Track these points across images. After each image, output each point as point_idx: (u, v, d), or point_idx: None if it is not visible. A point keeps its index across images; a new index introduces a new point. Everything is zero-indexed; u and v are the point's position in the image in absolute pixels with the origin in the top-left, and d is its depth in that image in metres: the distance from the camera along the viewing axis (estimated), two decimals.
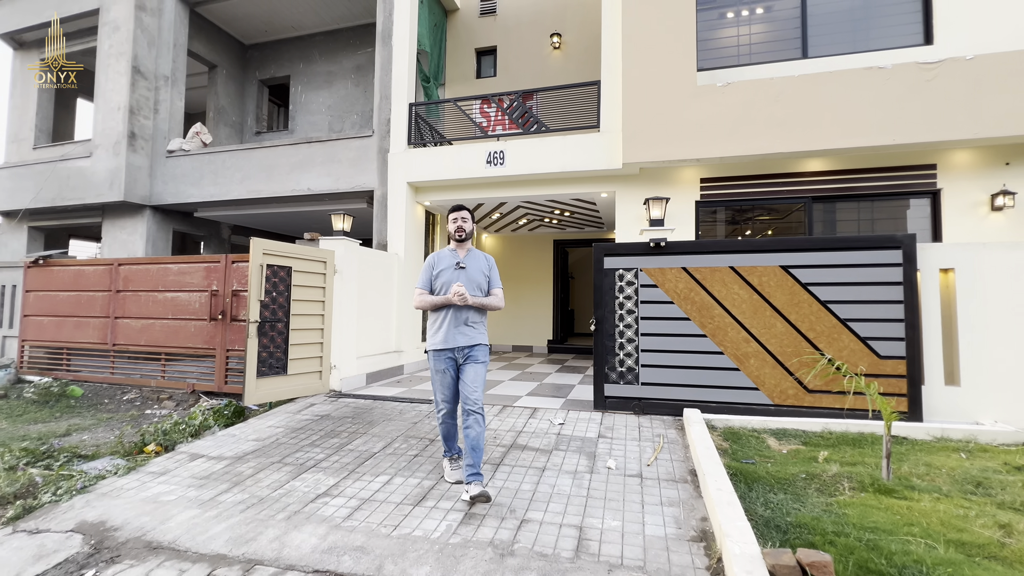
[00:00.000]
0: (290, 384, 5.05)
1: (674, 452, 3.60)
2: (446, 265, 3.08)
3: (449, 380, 3.02)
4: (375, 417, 4.59)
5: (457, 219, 3.12)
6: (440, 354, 3.01)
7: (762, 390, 4.27)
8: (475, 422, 2.89)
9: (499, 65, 9.25)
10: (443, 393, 3.04)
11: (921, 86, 5.26)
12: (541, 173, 6.72)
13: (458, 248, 3.15)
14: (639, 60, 6.11)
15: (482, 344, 3.05)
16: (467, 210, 3.17)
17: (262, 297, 4.76)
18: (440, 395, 3.06)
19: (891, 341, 4.02)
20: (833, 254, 4.18)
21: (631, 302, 4.61)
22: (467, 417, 2.92)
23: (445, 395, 3.04)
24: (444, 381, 3.02)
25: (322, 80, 10.27)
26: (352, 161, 7.58)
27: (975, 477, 2.99)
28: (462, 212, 3.14)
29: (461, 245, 3.15)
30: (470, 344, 2.99)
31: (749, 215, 6.57)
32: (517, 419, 4.45)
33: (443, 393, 3.04)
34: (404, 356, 7.09)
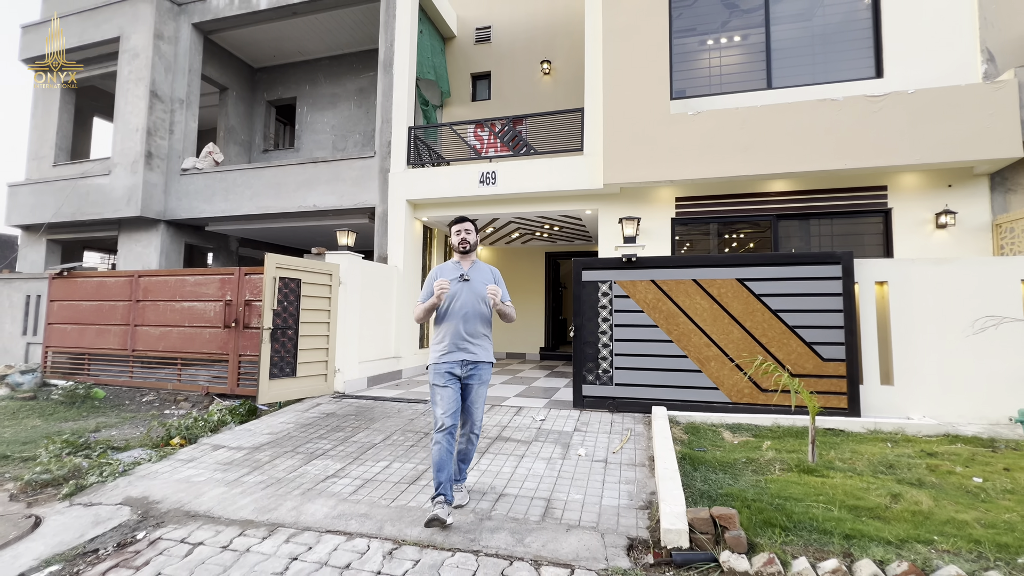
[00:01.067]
0: (299, 385, 5.55)
1: (639, 443, 4.11)
2: (449, 277, 2.95)
3: (452, 394, 2.82)
4: (376, 415, 5.08)
5: (461, 231, 3.00)
6: (442, 367, 2.85)
7: (721, 389, 4.78)
8: (469, 441, 2.95)
9: (493, 89, 9.87)
10: (445, 407, 2.79)
11: (869, 116, 5.84)
12: (530, 192, 7.28)
13: (462, 260, 3.03)
14: (618, 90, 6.71)
15: (487, 362, 2.95)
16: (471, 221, 3.05)
17: (275, 306, 5.28)
18: (441, 409, 2.79)
19: (833, 345, 4.55)
20: (782, 268, 4.72)
21: (606, 311, 5.14)
22: (462, 435, 2.94)
23: (447, 410, 2.78)
24: (446, 395, 2.81)
25: (327, 101, 10.89)
26: (355, 180, 8.15)
27: (890, 461, 3.50)
28: (465, 224, 3.01)
29: (465, 257, 3.03)
30: (475, 360, 2.88)
31: (721, 231, 7.12)
32: (503, 416, 4.95)
33: (445, 407, 2.79)
34: (403, 361, 7.60)
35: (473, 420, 2.96)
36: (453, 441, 2.79)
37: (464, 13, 10.19)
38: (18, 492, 3.41)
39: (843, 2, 6.67)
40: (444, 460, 2.73)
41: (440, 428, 2.77)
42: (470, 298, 2.93)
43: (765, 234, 6.84)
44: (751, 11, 6.96)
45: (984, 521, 2.53)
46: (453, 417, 2.79)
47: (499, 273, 3.15)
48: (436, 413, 2.82)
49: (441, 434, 2.75)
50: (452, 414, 2.79)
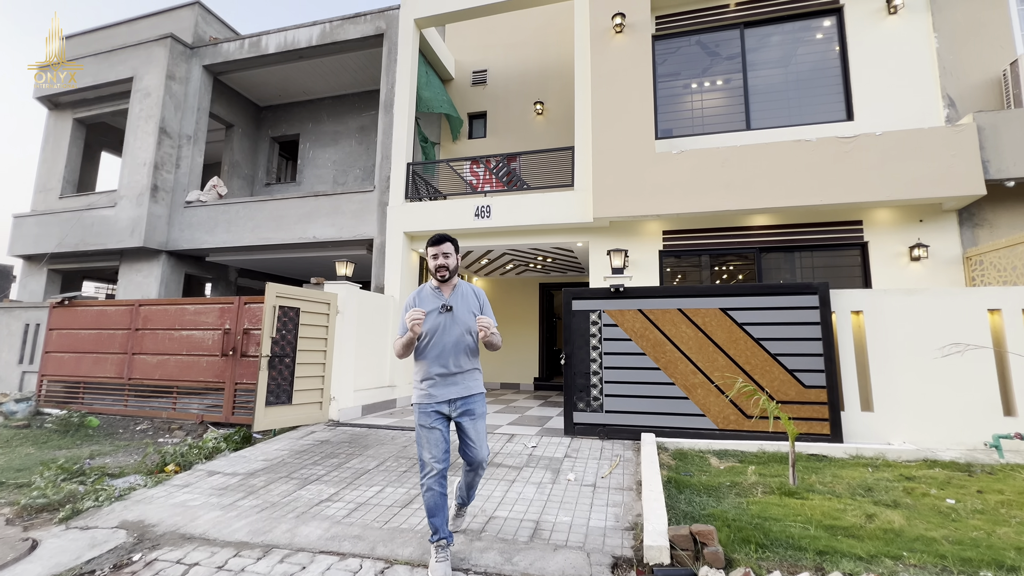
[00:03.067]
0: (294, 413, 5.62)
1: (627, 468, 4.20)
2: (429, 308, 2.61)
3: (439, 437, 2.53)
4: (369, 442, 5.15)
5: (438, 255, 2.62)
6: (428, 407, 2.56)
7: (708, 416, 4.90)
8: (475, 474, 2.73)
9: (489, 128, 10.34)
10: (432, 452, 2.51)
11: (842, 156, 6.21)
12: (523, 225, 7.57)
13: (442, 287, 2.68)
14: (606, 130, 7.10)
15: (480, 393, 2.66)
16: (451, 241, 2.66)
17: (273, 334, 5.42)
18: (428, 454, 2.51)
19: (814, 373, 4.71)
20: (762, 299, 4.93)
21: (596, 339, 5.30)
22: (471, 472, 2.72)
23: (435, 454, 2.51)
24: (433, 439, 2.52)
25: (328, 138, 11.33)
26: (354, 213, 8.43)
27: (869, 484, 3.61)
28: (443, 245, 2.62)
29: (445, 284, 2.68)
30: (464, 395, 2.59)
31: (707, 263, 7.39)
32: (496, 444, 5.03)
33: (432, 452, 2.51)
34: (397, 390, 7.66)
35: (477, 460, 2.65)
36: (445, 483, 2.55)
37: (461, 58, 10.78)
38: (14, 516, 3.45)
39: (814, 50, 7.19)
40: (438, 505, 2.51)
41: (429, 474, 2.50)
42: (455, 330, 2.60)
43: (750, 266, 7.11)
44: (730, 58, 7.47)
45: (952, 538, 2.65)
46: (443, 461, 2.52)
47: (484, 295, 2.78)
48: (423, 457, 2.52)
49: (432, 479, 2.50)
50: (441, 458, 2.52)
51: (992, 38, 6.43)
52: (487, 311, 2.74)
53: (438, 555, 2.47)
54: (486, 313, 2.71)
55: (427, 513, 2.52)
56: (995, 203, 6.12)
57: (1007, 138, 5.80)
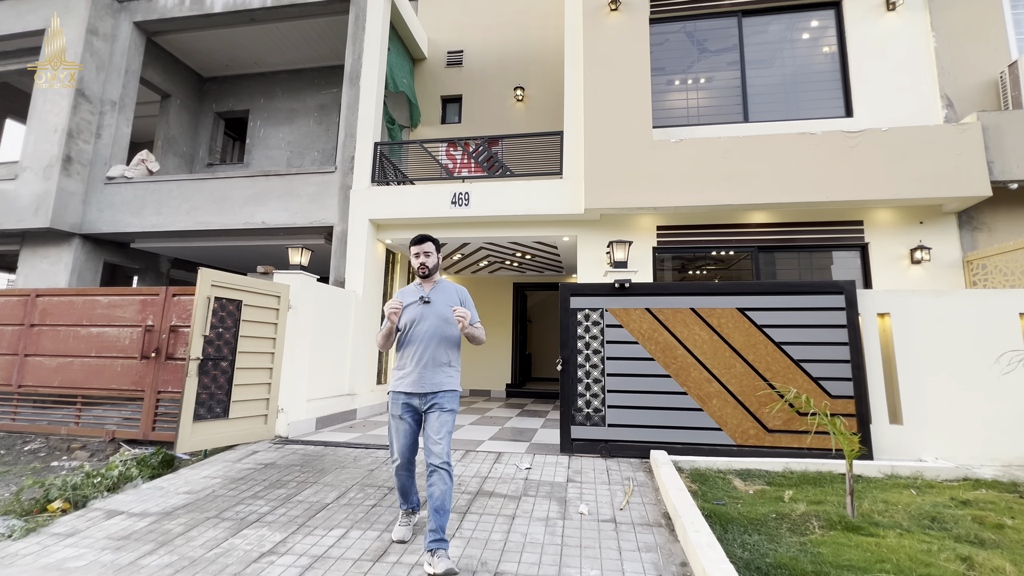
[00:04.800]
0: (231, 429, 4.59)
1: (645, 495, 3.52)
2: (410, 300, 2.76)
3: (407, 428, 2.67)
4: (326, 465, 4.22)
5: (419, 253, 2.77)
6: (398, 397, 2.68)
7: (725, 430, 4.32)
8: (440, 479, 2.49)
9: (464, 113, 9.55)
10: (399, 443, 2.67)
11: (847, 151, 5.89)
12: (506, 215, 6.83)
13: (424, 283, 2.84)
14: (600, 115, 6.50)
15: (450, 390, 2.69)
16: (431, 241, 2.80)
17: (206, 332, 4.39)
18: (396, 444, 2.69)
19: (840, 381, 4.24)
20: (784, 298, 4.43)
21: (597, 342, 4.63)
22: (431, 474, 2.51)
23: (401, 445, 2.67)
24: (401, 429, 2.67)
25: (283, 116, 10.16)
26: (312, 196, 7.40)
27: (929, 512, 3.11)
28: (425, 245, 2.77)
29: (427, 280, 2.83)
30: (435, 390, 2.63)
31: (701, 262, 6.92)
32: (482, 464, 4.24)
33: (399, 443, 2.67)
34: (357, 399, 6.70)
35: (435, 452, 2.54)
36: (412, 469, 2.76)
37: (436, 36, 9.95)
38: None
39: (813, 44, 6.91)
40: (407, 486, 2.79)
41: (396, 464, 2.73)
42: (433, 321, 2.72)
43: (745, 265, 6.69)
44: (727, 47, 7.07)
45: None
46: (409, 451, 2.71)
47: (467, 292, 2.90)
48: (392, 448, 2.74)
49: (399, 467, 2.73)
50: (407, 448, 2.70)
51: (988, 40, 6.33)
52: (468, 306, 2.82)
53: (402, 520, 2.84)
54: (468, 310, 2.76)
55: (398, 493, 2.83)
56: (994, 206, 5.97)
57: (1011, 139, 5.65)
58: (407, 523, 2.83)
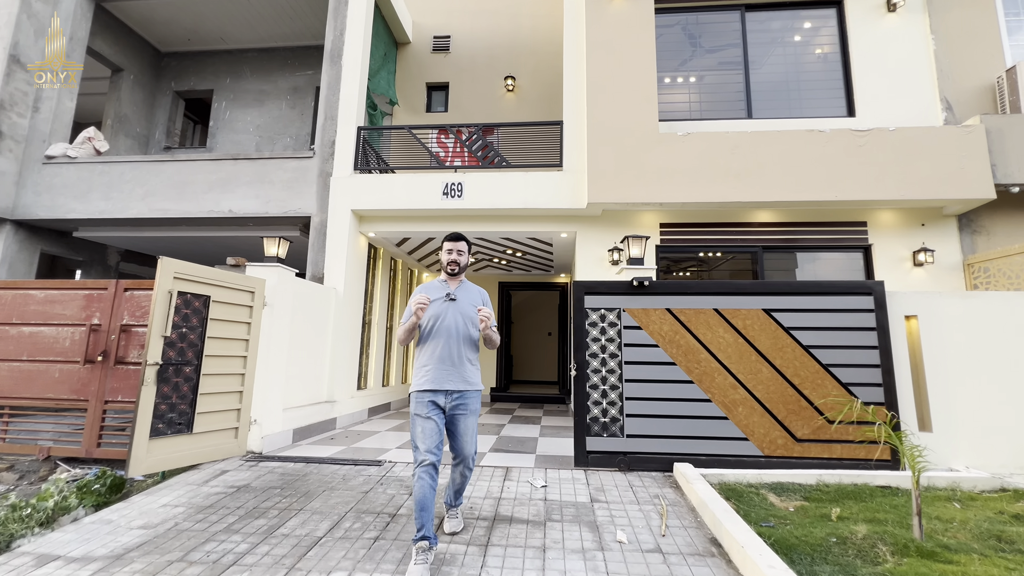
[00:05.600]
0: (195, 446, 3.95)
1: (682, 517, 3.16)
2: (435, 296, 2.73)
3: (433, 427, 2.55)
4: (311, 486, 3.66)
5: (452, 250, 2.78)
6: (424, 396, 2.59)
7: (751, 440, 4.03)
8: (461, 474, 2.75)
9: (451, 101, 9.04)
10: (427, 443, 2.51)
11: (854, 150, 5.76)
12: (501, 208, 6.38)
13: (449, 280, 2.82)
14: (603, 105, 6.15)
15: (475, 390, 2.72)
16: (465, 241, 2.82)
17: (167, 332, 3.74)
18: (423, 444, 2.52)
19: (870, 387, 4.02)
20: (811, 298, 4.18)
21: (614, 345, 4.25)
22: (455, 467, 2.74)
23: (429, 445, 2.51)
24: (428, 428, 2.54)
25: (252, 98, 9.35)
26: (287, 183, 6.73)
27: (989, 530, 2.87)
28: (459, 243, 2.79)
29: (453, 278, 2.82)
30: (462, 389, 2.64)
31: (707, 261, 6.68)
32: (491, 483, 3.78)
33: (427, 443, 2.51)
34: (337, 407, 6.09)
35: (464, 455, 2.69)
36: (436, 476, 2.54)
37: (421, 20, 9.39)
38: None
39: (816, 43, 6.79)
40: (427, 497, 2.47)
41: (422, 463, 2.51)
42: (457, 319, 2.70)
43: (746, 265, 6.49)
44: (731, 42, 6.87)
45: None
46: (436, 452, 2.53)
47: (488, 296, 2.90)
48: (416, 446, 2.56)
49: (423, 468, 2.50)
50: (435, 449, 2.52)
51: (985, 45, 6.37)
52: (489, 308, 2.76)
53: (418, 557, 2.38)
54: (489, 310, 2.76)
55: (415, 505, 2.48)
56: (993, 210, 5.99)
57: (1012, 143, 5.66)
58: (424, 560, 2.37)
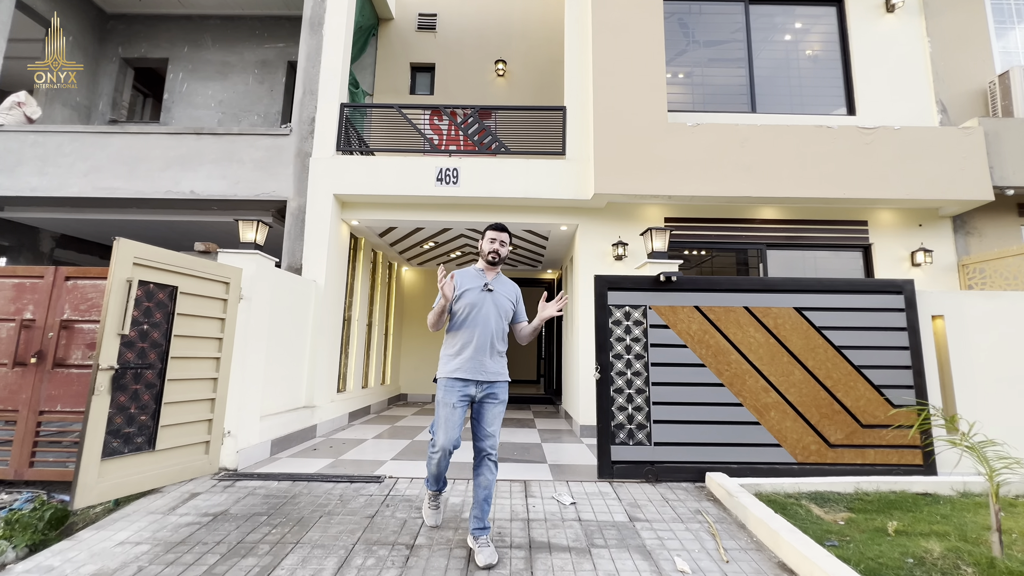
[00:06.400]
0: (159, 465, 3.31)
1: (735, 536, 2.85)
2: (472, 285, 2.67)
3: (459, 418, 2.53)
4: (304, 511, 3.12)
5: (496, 240, 2.72)
6: (454, 384, 2.54)
7: (784, 446, 3.80)
8: (488, 470, 2.56)
9: (437, 84, 8.49)
10: (449, 433, 2.51)
11: (861, 147, 5.70)
12: (500, 198, 5.94)
13: (488, 270, 2.76)
14: (610, 91, 5.82)
15: (506, 380, 2.67)
16: (508, 232, 2.78)
17: (125, 330, 3.09)
18: (445, 435, 2.51)
19: (902, 389, 3.87)
20: (842, 296, 3.99)
21: (640, 345, 3.92)
22: (480, 463, 2.56)
23: (452, 435, 2.51)
24: (453, 418, 2.50)
25: (214, 70, 8.45)
26: (259, 163, 6.02)
27: None
28: (503, 234, 2.75)
29: (491, 268, 2.76)
30: (494, 379, 2.59)
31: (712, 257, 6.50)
32: (512, 500, 3.36)
33: (449, 433, 2.51)
34: (317, 414, 5.48)
35: (488, 434, 2.57)
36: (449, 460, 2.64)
37: None
38: None
39: (818, 40, 6.72)
40: (443, 470, 2.66)
41: (438, 454, 2.57)
42: (492, 310, 2.65)
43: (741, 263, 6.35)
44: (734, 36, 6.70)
45: None
46: (456, 442, 2.56)
47: (520, 292, 2.85)
48: (438, 436, 2.55)
49: (440, 457, 2.58)
50: (456, 440, 2.55)
51: (976, 50, 6.48)
52: (520, 306, 2.80)
53: (431, 502, 2.82)
54: (519, 308, 2.78)
55: (432, 476, 2.69)
56: (985, 212, 6.09)
57: (1009, 146, 5.75)
58: (436, 506, 2.85)
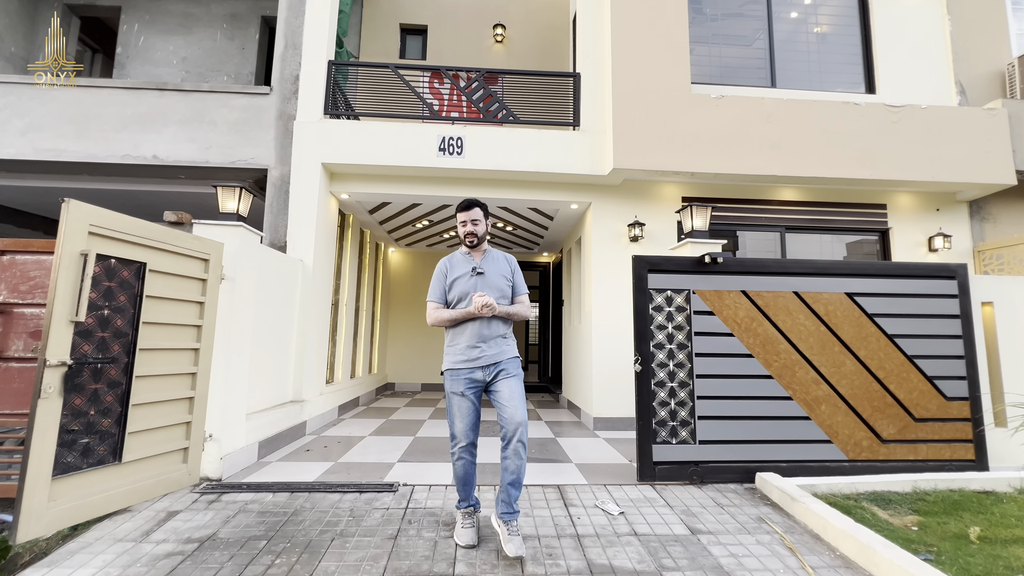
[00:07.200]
0: (127, 480, 2.73)
1: (815, 551, 2.52)
2: (461, 272, 2.54)
3: (470, 406, 2.43)
4: (310, 532, 2.61)
5: (466, 221, 2.53)
6: (459, 374, 2.44)
7: (835, 442, 3.52)
8: (515, 453, 2.35)
9: (429, 48, 7.80)
10: (463, 423, 2.43)
11: (888, 126, 5.45)
12: (509, 171, 5.43)
13: (473, 253, 2.60)
14: (631, 58, 5.35)
15: (513, 357, 2.51)
16: (480, 206, 2.56)
17: (79, 316, 2.47)
18: (459, 426, 2.44)
19: (955, 380, 3.65)
20: (894, 281, 3.71)
21: (683, 333, 3.54)
22: (507, 446, 2.37)
23: (465, 426, 2.43)
24: (464, 408, 2.43)
25: (175, 23, 7.49)
26: (234, 125, 5.28)
27: None
28: (472, 211, 2.53)
29: (475, 249, 2.60)
30: (498, 360, 2.45)
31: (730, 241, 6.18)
32: (551, 509, 2.94)
33: (463, 423, 2.43)
34: (307, 409, 4.91)
35: (516, 422, 2.34)
36: (476, 452, 2.49)
37: None
38: None
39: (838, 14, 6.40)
40: (470, 474, 2.48)
41: (459, 445, 2.44)
42: (488, 294, 2.47)
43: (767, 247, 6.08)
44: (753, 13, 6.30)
45: None
46: (474, 430, 2.45)
47: (516, 262, 2.68)
48: (454, 428, 2.46)
49: (463, 449, 2.45)
50: (472, 428, 2.44)
51: (995, 31, 6.31)
52: (518, 278, 2.64)
53: (464, 520, 2.46)
54: (517, 281, 2.62)
55: (457, 482, 2.50)
56: (999, 198, 5.98)
57: None
58: (471, 524, 2.47)
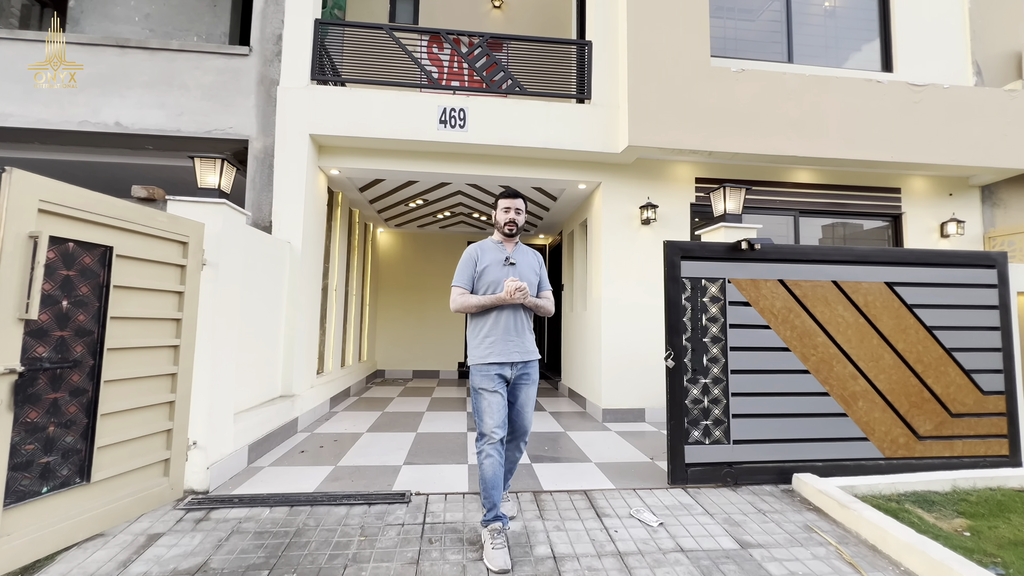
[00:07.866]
0: (99, 501, 2.33)
1: (876, 564, 2.33)
2: (492, 260, 2.50)
3: (500, 401, 2.40)
4: (318, 558, 2.28)
5: (510, 208, 2.53)
6: (491, 369, 2.40)
7: (872, 439, 3.34)
8: (516, 448, 2.57)
9: (422, 12, 7.21)
10: (495, 417, 2.37)
11: (910, 106, 5.23)
12: (515, 147, 5.03)
13: (505, 242, 2.57)
14: (647, 28, 4.96)
15: (536, 360, 2.54)
16: (523, 198, 2.57)
17: (31, 313, 2.03)
18: (492, 419, 2.37)
19: (991, 374, 3.50)
20: (934, 270, 3.51)
21: (717, 326, 3.28)
22: (509, 443, 2.53)
23: (498, 420, 2.37)
24: (495, 403, 2.38)
25: None
26: (209, 89, 4.71)
27: None
28: (517, 200, 2.55)
29: (509, 239, 2.57)
30: (527, 359, 2.47)
31: None
32: (584, 521, 2.67)
33: (495, 417, 2.37)
34: (297, 404, 4.52)
35: (524, 428, 2.52)
36: (503, 452, 2.40)
37: None
38: None
39: None
40: (498, 475, 2.36)
41: (489, 441, 2.36)
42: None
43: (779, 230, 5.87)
44: None
45: None
46: (504, 427, 2.39)
47: (543, 259, 2.67)
48: (484, 423, 2.39)
49: (492, 445, 2.36)
50: (503, 423, 2.39)
51: (1013, 10, 6.12)
52: (544, 273, 2.66)
53: (495, 540, 2.26)
54: (543, 276, 2.64)
55: (485, 484, 2.36)
56: (1010, 184, 5.88)
57: None
58: (502, 544, 2.25)
